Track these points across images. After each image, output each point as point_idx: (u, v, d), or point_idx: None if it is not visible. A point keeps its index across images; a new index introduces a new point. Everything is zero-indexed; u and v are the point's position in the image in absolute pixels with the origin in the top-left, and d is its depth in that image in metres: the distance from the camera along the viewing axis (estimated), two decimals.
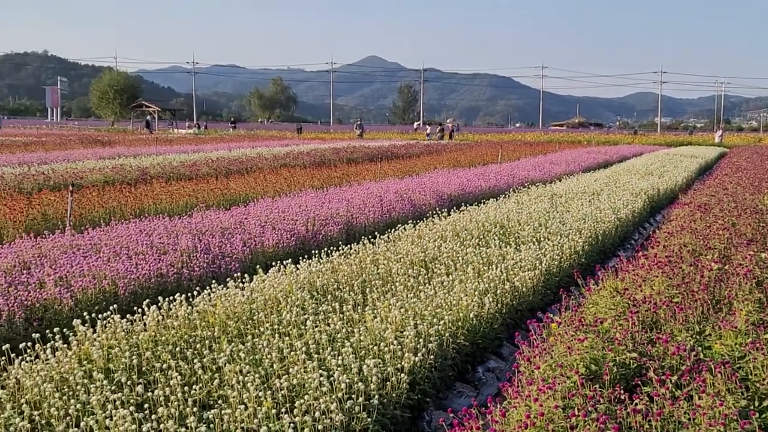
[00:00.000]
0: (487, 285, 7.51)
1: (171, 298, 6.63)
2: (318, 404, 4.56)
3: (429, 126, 72.51)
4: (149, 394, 4.73)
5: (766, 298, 6.18)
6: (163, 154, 27.32)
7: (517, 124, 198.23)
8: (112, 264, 7.98)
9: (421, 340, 5.80)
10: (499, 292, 7.46)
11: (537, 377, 4.83)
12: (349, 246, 9.48)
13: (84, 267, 7.83)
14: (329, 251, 9.24)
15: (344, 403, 4.66)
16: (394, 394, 5.16)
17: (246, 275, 7.72)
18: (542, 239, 10.21)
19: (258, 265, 8.30)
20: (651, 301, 6.19)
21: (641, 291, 6.79)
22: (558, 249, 9.52)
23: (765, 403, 4.49)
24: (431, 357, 5.77)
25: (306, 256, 9.12)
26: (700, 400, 4.21)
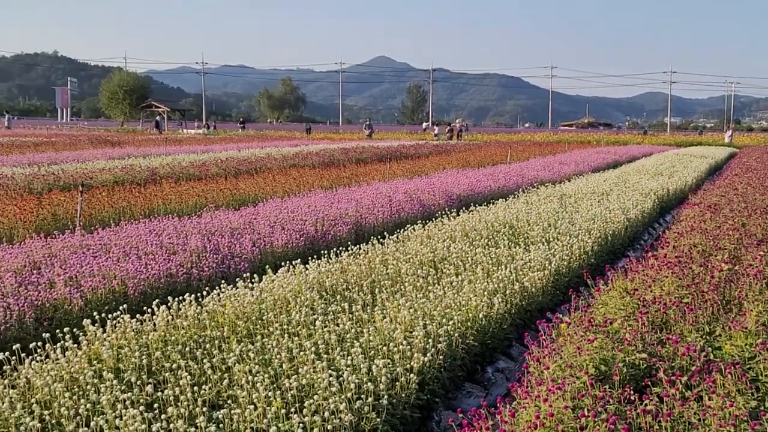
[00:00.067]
0: (496, 285, 7.50)
1: (180, 298, 6.64)
2: (327, 404, 4.56)
3: (437, 126, 72.20)
4: (159, 394, 4.74)
5: None
6: (172, 155, 27.36)
7: (527, 125, 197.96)
8: (121, 264, 8.00)
9: (430, 341, 5.79)
10: (508, 292, 7.45)
11: (546, 377, 4.82)
12: (358, 246, 9.48)
13: (94, 267, 7.86)
14: (338, 251, 9.24)
15: (353, 403, 4.66)
16: (404, 394, 5.16)
17: (255, 275, 7.73)
18: (551, 239, 10.20)
19: (267, 265, 8.31)
20: (661, 302, 6.17)
21: (651, 291, 6.77)
22: (567, 249, 9.51)
23: None
24: (440, 357, 5.77)
25: (315, 257, 9.11)
26: (711, 400, 4.20)
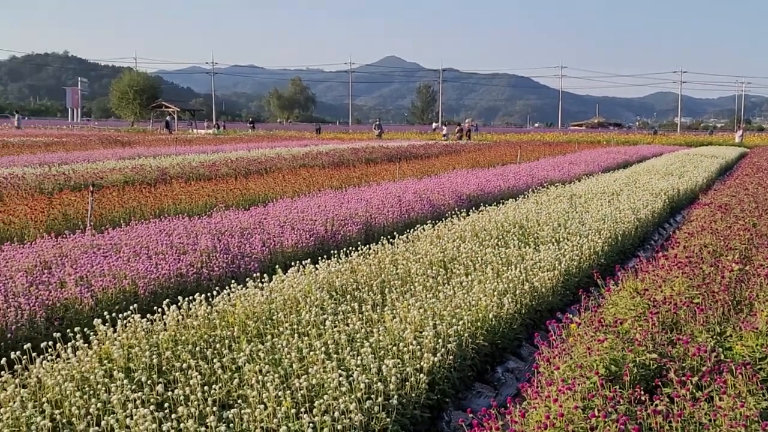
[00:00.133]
0: (506, 285, 7.50)
1: (191, 297, 6.66)
2: (337, 404, 4.56)
3: (446, 126, 72.00)
4: (169, 394, 4.75)
5: None
6: (182, 155, 27.41)
7: (536, 124, 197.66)
8: (132, 264, 8.02)
9: (440, 341, 5.79)
10: (518, 292, 7.45)
11: (557, 378, 4.82)
12: (368, 246, 9.48)
13: (104, 267, 7.88)
14: (348, 251, 9.24)
15: (363, 403, 4.67)
16: (414, 394, 5.16)
17: (265, 275, 7.74)
18: (561, 239, 10.18)
19: (277, 265, 8.32)
20: (671, 302, 6.16)
21: (661, 291, 6.76)
22: (577, 249, 9.49)
23: None
24: (450, 357, 5.77)
25: (325, 256, 9.12)
26: (721, 401, 4.19)
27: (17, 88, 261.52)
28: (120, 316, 6.10)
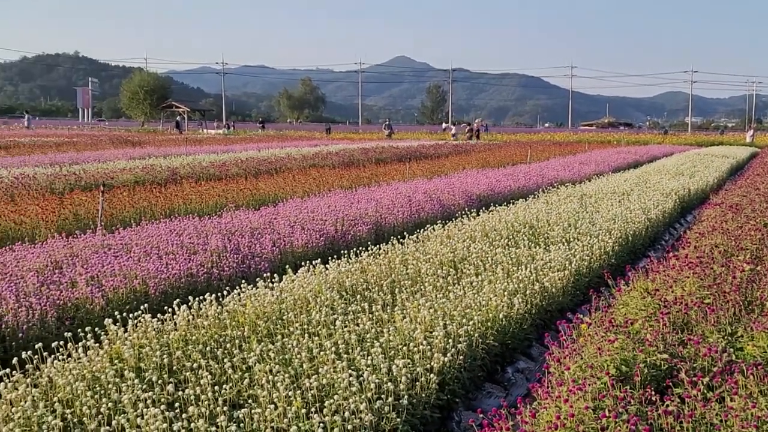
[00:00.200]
0: (516, 285, 7.49)
1: (201, 297, 6.67)
2: (347, 404, 4.56)
3: (454, 126, 71.74)
4: (180, 393, 4.76)
5: None
6: (192, 155, 27.47)
7: (546, 124, 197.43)
8: (142, 264, 8.04)
9: (450, 341, 5.79)
10: (528, 292, 7.44)
11: (567, 378, 4.81)
12: (377, 246, 9.48)
13: (115, 266, 7.90)
14: (358, 251, 9.25)
15: (373, 403, 4.67)
16: (424, 395, 5.16)
17: (275, 275, 7.74)
18: (572, 240, 10.17)
19: (287, 265, 8.33)
20: (682, 302, 6.14)
21: (672, 292, 6.74)
22: (587, 249, 9.47)
23: None
24: (460, 357, 5.76)
25: (335, 256, 9.13)
26: (733, 401, 4.18)
27: (28, 88, 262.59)
28: (131, 315, 6.11)
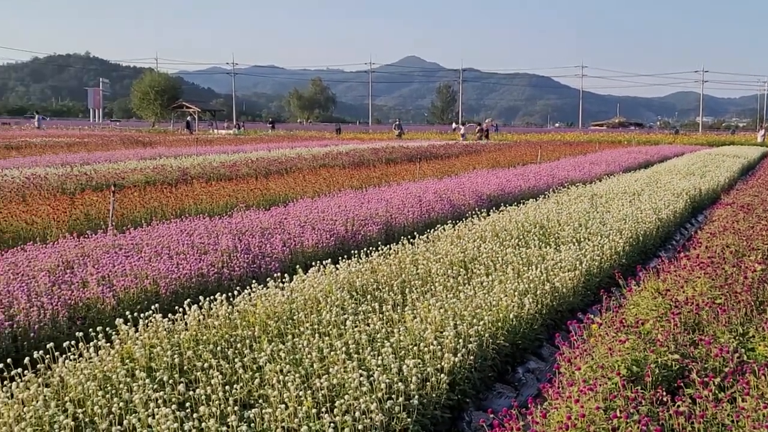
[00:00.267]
0: (526, 285, 7.48)
1: (212, 297, 6.67)
2: (358, 404, 4.56)
3: (463, 126, 71.49)
4: (191, 393, 4.77)
5: None
6: (203, 155, 27.53)
7: (557, 124, 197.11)
8: (153, 264, 8.06)
9: (460, 341, 5.79)
10: (539, 292, 7.42)
11: (578, 378, 4.80)
12: (388, 246, 9.48)
13: (126, 266, 7.93)
14: (368, 251, 9.25)
15: (384, 403, 4.67)
16: (434, 395, 5.15)
17: (286, 275, 7.74)
18: (582, 240, 10.14)
19: (298, 265, 8.34)
20: (693, 303, 6.13)
21: (683, 292, 6.72)
22: (598, 249, 9.45)
23: None
24: (471, 357, 5.76)
25: (345, 256, 9.14)
26: (744, 402, 4.17)
27: (39, 89, 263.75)
28: (141, 315, 6.13)
